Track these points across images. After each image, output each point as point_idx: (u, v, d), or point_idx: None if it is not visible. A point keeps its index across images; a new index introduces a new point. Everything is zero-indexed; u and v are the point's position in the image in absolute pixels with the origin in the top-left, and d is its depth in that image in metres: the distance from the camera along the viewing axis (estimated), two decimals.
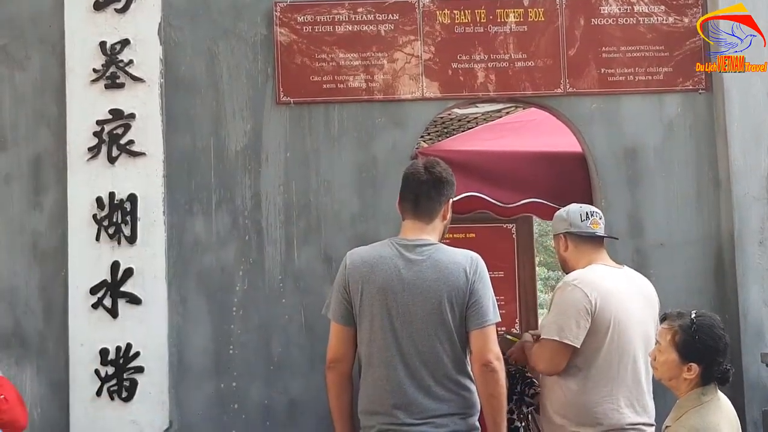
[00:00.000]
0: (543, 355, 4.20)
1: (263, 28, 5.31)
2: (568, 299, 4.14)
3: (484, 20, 5.41)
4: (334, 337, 3.73)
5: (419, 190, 3.79)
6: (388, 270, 3.64)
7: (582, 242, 4.37)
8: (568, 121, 5.50)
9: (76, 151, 5.10)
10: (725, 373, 3.57)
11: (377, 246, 3.85)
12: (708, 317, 3.69)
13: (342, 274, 3.75)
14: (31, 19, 5.21)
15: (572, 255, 4.41)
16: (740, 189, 5.25)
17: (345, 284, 3.71)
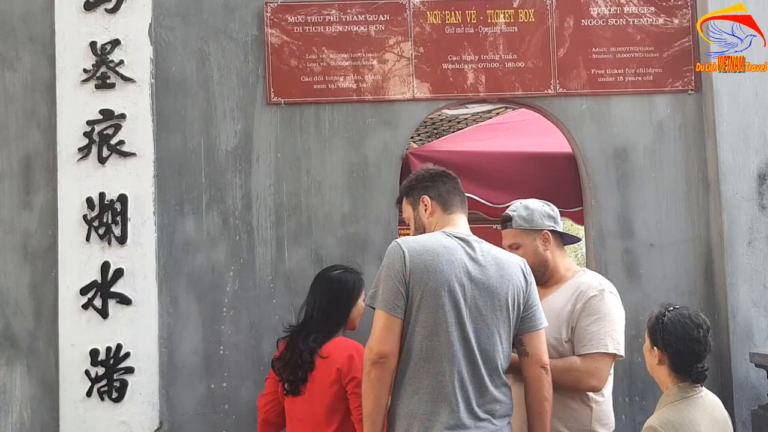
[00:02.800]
0: (603, 369, 3.91)
1: (254, 28, 5.32)
2: (615, 308, 4.01)
3: (475, 21, 5.42)
4: (385, 330, 3.45)
5: (458, 187, 3.82)
6: (455, 261, 3.48)
7: (561, 242, 4.24)
8: (558, 122, 5.52)
9: (66, 151, 5.08)
10: (698, 369, 3.65)
11: (432, 236, 3.62)
12: (684, 311, 3.78)
13: (399, 261, 3.47)
14: (21, 19, 5.20)
15: (554, 255, 4.16)
16: (729, 189, 5.26)
17: (403, 272, 3.45)
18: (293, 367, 4.27)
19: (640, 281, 5.27)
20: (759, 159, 5.29)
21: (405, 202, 3.89)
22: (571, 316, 3.94)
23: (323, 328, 4.34)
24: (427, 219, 3.74)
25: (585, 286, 4.00)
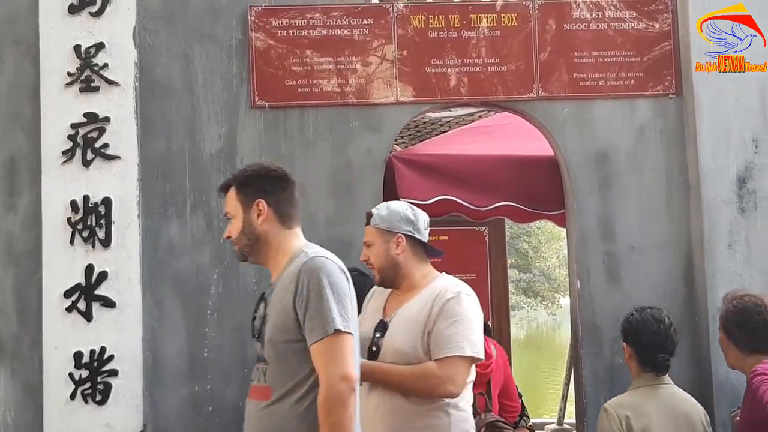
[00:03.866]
0: (460, 374, 3.81)
1: (238, 32, 5.32)
2: (472, 311, 3.90)
3: (458, 25, 5.44)
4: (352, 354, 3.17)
5: (296, 196, 3.53)
6: None
7: (419, 251, 4.06)
8: (541, 125, 5.54)
9: (50, 154, 5.08)
10: (660, 359, 4.21)
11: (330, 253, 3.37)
12: (649, 310, 4.44)
13: (346, 280, 3.25)
14: (6, 21, 5.20)
15: (407, 261, 4.01)
16: (710, 193, 5.29)
17: (349, 292, 3.25)
18: None
19: (621, 284, 5.31)
20: (739, 163, 5.31)
21: (234, 194, 3.45)
22: (427, 321, 3.80)
23: None
24: (260, 227, 3.35)
25: (441, 289, 3.88)
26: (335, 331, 2.99)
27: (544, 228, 24.54)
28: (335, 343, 3.00)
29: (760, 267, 5.28)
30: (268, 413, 3.10)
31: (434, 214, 6.34)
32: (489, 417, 4.65)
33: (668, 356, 4.29)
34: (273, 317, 3.17)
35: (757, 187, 5.31)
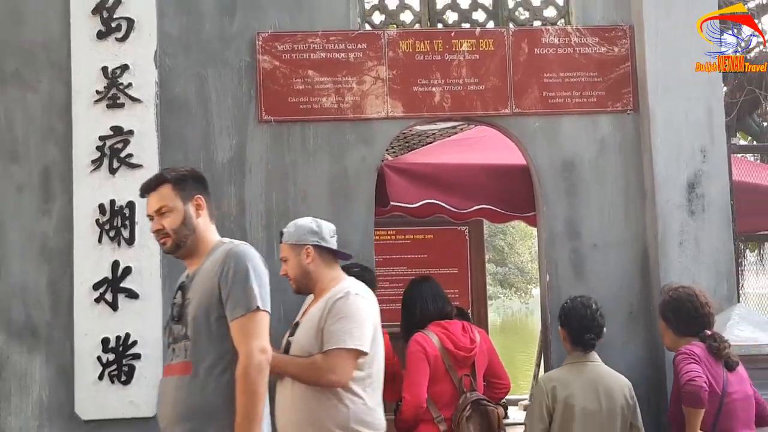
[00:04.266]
0: (342, 364, 3.82)
1: (247, 55, 5.29)
2: (359, 308, 3.91)
3: (441, 49, 5.42)
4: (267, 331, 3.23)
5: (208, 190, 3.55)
6: None
7: (328, 257, 4.08)
8: (514, 138, 5.53)
9: (80, 163, 5.08)
10: (586, 339, 4.50)
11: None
12: (579, 298, 4.72)
13: (263, 264, 3.31)
14: (42, 46, 5.16)
15: (317, 268, 4.04)
16: (663, 198, 5.29)
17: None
18: None
19: (585, 277, 5.31)
20: (688, 171, 5.31)
21: (171, 189, 3.39)
22: (320, 320, 3.83)
23: None
24: (196, 220, 3.37)
25: (334, 291, 3.92)
26: (256, 309, 3.03)
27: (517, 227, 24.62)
28: (255, 319, 3.02)
29: (707, 263, 5.28)
30: (190, 386, 3.06)
31: (421, 215, 6.38)
32: (473, 396, 4.62)
33: (594, 337, 4.51)
34: (197, 298, 3.14)
35: (705, 193, 5.31)
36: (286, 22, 5.31)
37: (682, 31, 5.36)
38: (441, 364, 4.62)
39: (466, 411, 4.55)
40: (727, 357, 4.36)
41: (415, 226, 7.14)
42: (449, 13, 5.53)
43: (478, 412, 4.58)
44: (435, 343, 4.64)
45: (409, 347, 4.66)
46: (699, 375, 4.15)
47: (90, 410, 4.95)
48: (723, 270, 5.29)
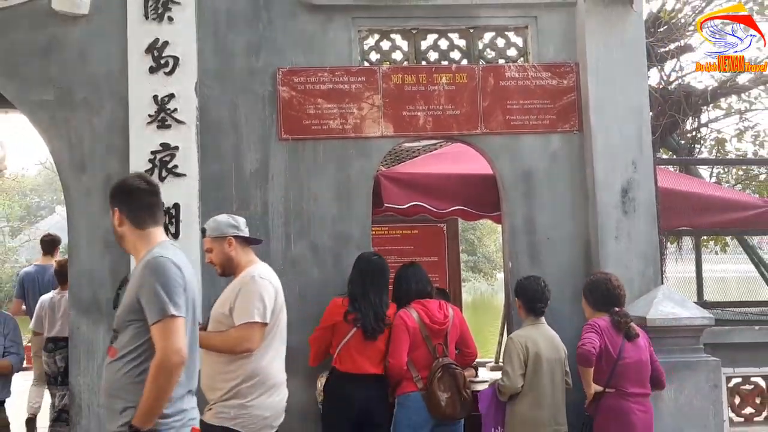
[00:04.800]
0: (253, 335, 3.90)
1: (270, 86, 5.31)
2: (264, 288, 3.99)
3: (425, 81, 5.43)
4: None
5: (155, 201, 3.30)
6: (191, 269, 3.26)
7: (244, 244, 4.16)
8: (483, 152, 5.55)
9: None
10: (538, 307, 4.78)
11: (173, 249, 3.18)
12: (532, 277, 4.94)
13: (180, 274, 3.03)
14: (105, 78, 5.17)
15: (237, 254, 4.13)
16: (602, 200, 5.33)
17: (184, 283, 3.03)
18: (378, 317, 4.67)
19: (540, 264, 5.33)
20: (622, 179, 5.34)
21: (110, 201, 3.31)
22: (231, 297, 3.98)
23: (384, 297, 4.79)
24: (119, 228, 3.24)
25: (243, 275, 4.05)
26: (171, 316, 2.86)
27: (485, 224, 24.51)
28: (168, 325, 2.86)
29: (637, 253, 5.31)
30: (111, 368, 3.00)
31: (408, 214, 6.40)
32: (444, 360, 4.66)
33: (543, 305, 4.79)
34: (125, 299, 3.05)
35: (635, 196, 5.34)
36: (300, 60, 5.33)
37: (617, 66, 5.39)
38: (419, 334, 4.67)
39: (438, 372, 4.61)
40: (627, 329, 4.54)
41: (404, 223, 7.12)
42: (431, 52, 5.53)
43: (447, 374, 4.64)
44: (415, 318, 4.70)
45: (394, 321, 4.71)
46: (591, 341, 4.41)
47: None
48: (649, 258, 5.32)
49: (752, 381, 5.41)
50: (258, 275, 4.01)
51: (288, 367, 5.03)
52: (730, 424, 5.26)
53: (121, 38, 5.13)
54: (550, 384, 4.64)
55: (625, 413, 4.45)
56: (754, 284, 8.74)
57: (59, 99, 5.14)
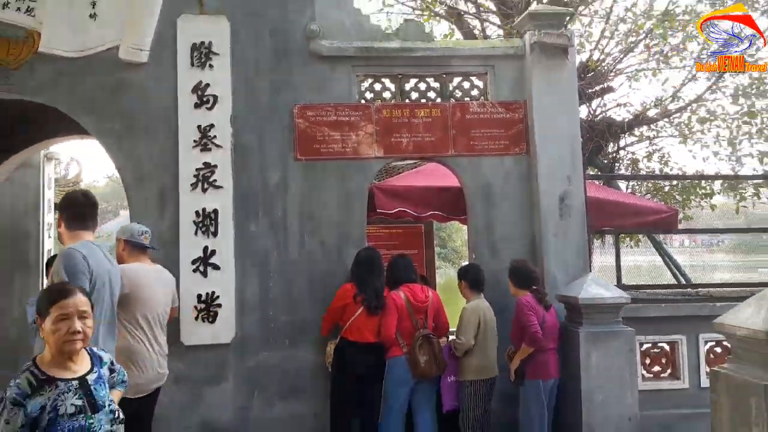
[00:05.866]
0: None
1: (288, 118, 5.29)
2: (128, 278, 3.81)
3: (408, 115, 5.43)
4: None
5: (87, 212, 3.30)
6: (107, 262, 3.26)
7: (134, 248, 4.03)
8: (453, 170, 5.54)
9: (184, 185, 5.07)
10: (481, 286, 4.87)
11: (95, 248, 3.20)
12: (474, 264, 5.05)
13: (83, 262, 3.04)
14: (161, 112, 5.14)
15: (126, 255, 4.04)
16: (544, 207, 5.33)
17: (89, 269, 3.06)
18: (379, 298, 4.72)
19: (497, 256, 5.32)
20: (561, 190, 5.34)
21: (57, 208, 3.39)
22: None
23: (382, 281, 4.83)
24: (59, 230, 3.30)
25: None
26: None
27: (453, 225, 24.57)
28: None
29: (571, 248, 5.31)
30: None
31: (395, 217, 6.41)
32: (424, 332, 4.68)
33: (483, 284, 4.89)
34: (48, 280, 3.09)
35: (570, 204, 5.34)
36: (312, 98, 5.32)
37: (555, 104, 5.40)
38: (405, 311, 4.69)
39: (419, 341, 4.64)
40: (546, 302, 4.73)
41: (391, 224, 7.12)
42: (413, 92, 5.52)
43: (427, 342, 4.67)
44: (402, 298, 4.72)
45: (387, 301, 4.74)
46: (536, 324, 4.51)
47: (190, 338, 4.97)
48: (581, 251, 5.33)
49: (659, 346, 5.44)
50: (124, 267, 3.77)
51: (302, 337, 5.11)
52: (643, 380, 5.29)
53: (172, 81, 5.12)
54: (492, 341, 4.80)
55: (547, 362, 4.65)
56: (661, 271, 8.81)
57: (125, 128, 5.12)
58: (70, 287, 2.34)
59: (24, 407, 2.11)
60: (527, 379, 4.61)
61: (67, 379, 2.24)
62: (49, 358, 2.27)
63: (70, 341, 2.24)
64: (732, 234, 25.48)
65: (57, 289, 2.34)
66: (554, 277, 5.23)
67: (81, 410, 2.21)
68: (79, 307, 2.28)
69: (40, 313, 2.29)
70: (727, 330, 3.06)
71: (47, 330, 2.25)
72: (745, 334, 2.93)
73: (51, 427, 2.13)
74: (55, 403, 2.16)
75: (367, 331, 4.69)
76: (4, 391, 2.14)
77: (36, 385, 2.17)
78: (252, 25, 5.27)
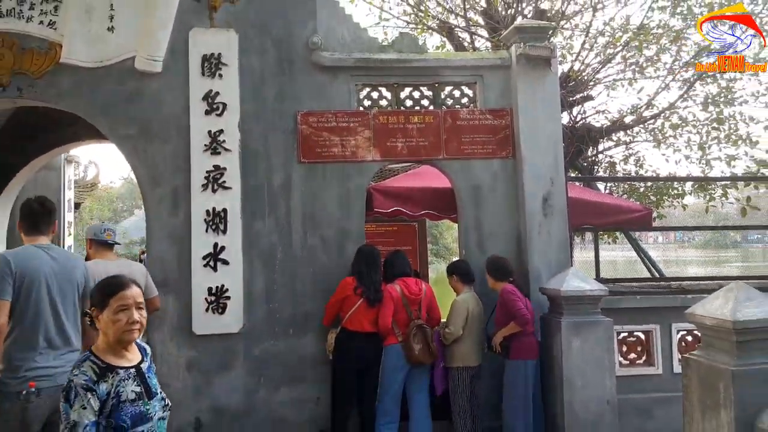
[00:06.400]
0: None
1: (292, 124, 5.28)
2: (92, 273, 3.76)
3: (403, 121, 5.42)
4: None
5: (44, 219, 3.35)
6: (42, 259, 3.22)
7: (98, 245, 4.09)
8: (445, 172, 5.54)
9: (195, 186, 5.05)
10: (470, 278, 4.95)
11: (33, 249, 3.24)
12: (464, 260, 5.09)
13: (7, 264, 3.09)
14: (174, 118, 5.12)
15: (93, 252, 4.13)
16: (529, 206, 5.33)
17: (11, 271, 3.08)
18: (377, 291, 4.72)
19: (485, 252, 5.30)
20: (544, 191, 5.34)
21: None
22: None
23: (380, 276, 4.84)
24: (18, 230, 3.40)
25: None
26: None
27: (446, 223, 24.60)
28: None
29: (554, 244, 5.32)
30: None
31: (391, 216, 6.41)
32: (418, 321, 4.70)
33: (473, 279, 4.96)
34: None
35: (553, 203, 5.35)
36: (314, 105, 5.31)
37: (539, 111, 5.40)
38: (400, 302, 4.71)
39: (413, 330, 4.66)
40: (523, 291, 4.86)
41: (387, 222, 7.10)
42: (407, 100, 5.52)
43: (420, 331, 4.69)
44: (398, 291, 4.74)
45: (384, 294, 4.75)
46: (524, 308, 4.61)
47: (201, 328, 4.96)
48: (562, 247, 5.33)
49: (635, 335, 5.46)
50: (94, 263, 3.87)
51: (305, 327, 5.11)
52: (620, 366, 5.30)
53: (184, 89, 5.11)
54: (478, 331, 4.86)
55: (531, 344, 4.75)
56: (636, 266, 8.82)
57: (140, 133, 5.10)
58: (126, 280, 2.30)
59: (95, 392, 2.07)
60: (513, 359, 4.66)
61: (126, 367, 2.21)
62: (105, 348, 2.22)
63: (129, 331, 2.20)
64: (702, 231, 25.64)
65: (114, 282, 2.28)
66: (538, 272, 5.23)
67: (140, 396, 2.18)
68: (136, 299, 2.24)
69: (95, 305, 2.24)
70: (697, 320, 3.07)
71: (105, 321, 2.20)
72: (714, 323, 2.94)
73: (115, 412, 2.09)
74: (117, 389, 2.13)
75: (365, 322, 4.70)
76: (68, 382, 2.09)
77: (99, 373, 2.12)
78: (258, 38, 5.26)
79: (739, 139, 8.41)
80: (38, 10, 5.01)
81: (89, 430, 2.00)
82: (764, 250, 45.06)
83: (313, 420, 5.00)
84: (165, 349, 4.95)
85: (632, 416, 5.07)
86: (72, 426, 1.98)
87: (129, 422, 2.09)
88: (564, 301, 4.76)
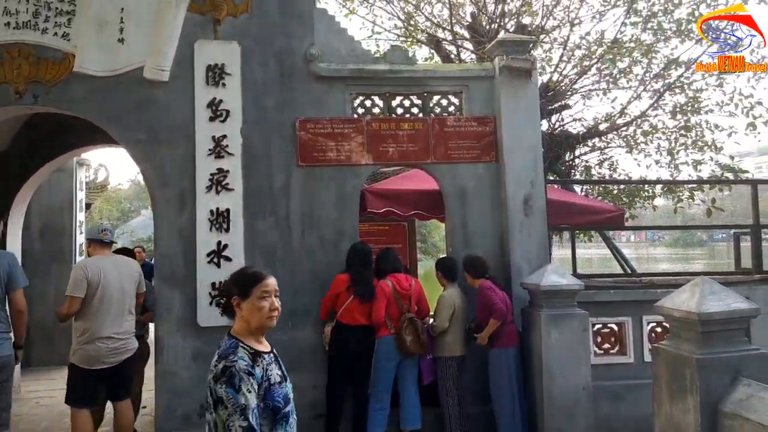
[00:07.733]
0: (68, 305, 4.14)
1: (291, 130, 5.27)
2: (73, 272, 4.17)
3: (395, 128, 5.41)
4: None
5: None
6: None
7: (96, 244, 4.33)
8: (433, 175, 5.54)
9: (200, 187, 5.04)
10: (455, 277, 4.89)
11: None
12: (450, 257, 5.08)
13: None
14: (180, 124, 5.11)
15: (91, 251, 4.33)
16: (511, 207, 5.34)
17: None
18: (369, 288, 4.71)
19: (470, 250, 5.28)
20: (525, 192, 5.35)
21: None
22: None
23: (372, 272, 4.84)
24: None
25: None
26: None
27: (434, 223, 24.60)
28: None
29: (534, 242, 5.33)
30: None
31: (383, 216, 6.39)
32: (409, 315, 4.71)
33: (456, 276, 4.96)
34: None
35: (533, 204, 5.36)
36: (312, 113, 5.30)
37: (520, 118, 5.41)
38: (392, 297, 4.72)
39: (404, 323, 4.67)
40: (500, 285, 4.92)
41: (380, 222, 7.07)
42: (398, 108, 5.51)
43: (411, 324, 4.70)
44: (390, 286, 4.74)
45: (376, 289, 4.76)
46: (499, 302, 4.65)
47: (205, 321, 4.94)
48: (542, 245, 5.34)
49: (608, 326, 5.48)
50: (81, 262, 4.13)
51: (303, 320, 5.10)
52: (594, 355, 5.32)
53: (190, 97, 5.10)
54: (463, 323, 4.89)
55: (510, 332, 4.80)
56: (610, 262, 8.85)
57: (149, 138, 5.09)
58: (264, 271, 2.24)
59: (254, 375, 2.01)
60: (494, 348, 4.70)
61: (267, 352, 2.16)
62: (247, 335, 2.14)
63: (270, 317, 2.16)
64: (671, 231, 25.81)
65: (254, 272, 2.23)
66: (519, 267, 5.25)
67: (283, 379, 2.15)
68: (275, 287, 2.21)
69: (234, 294, 2.17)
70: (666, 312, 3.11)
71: (248, 308, 2.13)
72: (681, 315, 2.98)
73: (268, 394, 2.04)
74: (266, 372, 2.07)
75: (359, 315, 4.71)
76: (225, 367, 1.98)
77: (252, 358, 2.06)
78: (259, 50, 5.25)
79: (705, 145, 8.50)
80: (53, 22, 5.00)
81: (255, 413, 1.97)
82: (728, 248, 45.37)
83: (311, 405, 4.99)
84: (172, 340, 4.94)
85: (606, 401, 5.10)
86: (242, 409, 1.92)
87: (282, 403, 2.06)
88: (543, 294, 4.78)
